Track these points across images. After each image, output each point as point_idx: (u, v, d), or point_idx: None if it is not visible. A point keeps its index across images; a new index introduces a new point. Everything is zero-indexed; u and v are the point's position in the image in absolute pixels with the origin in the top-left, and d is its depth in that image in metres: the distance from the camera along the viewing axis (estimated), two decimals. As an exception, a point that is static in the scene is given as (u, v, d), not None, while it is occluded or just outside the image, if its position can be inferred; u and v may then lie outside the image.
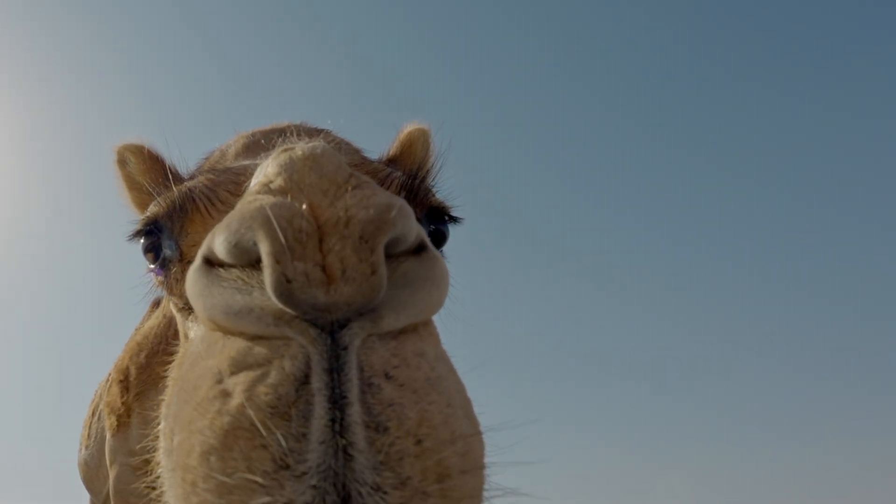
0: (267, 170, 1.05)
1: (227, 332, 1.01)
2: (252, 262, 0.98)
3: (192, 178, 1.91)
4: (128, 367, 3.13)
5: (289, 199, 0.96)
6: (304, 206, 0.95)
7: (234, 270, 1.01)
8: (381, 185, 1.80)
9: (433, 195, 1.94)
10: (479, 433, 1.05)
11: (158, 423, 1.19)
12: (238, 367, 0.95)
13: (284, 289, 0.90)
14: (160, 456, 1.13)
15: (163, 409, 1.18)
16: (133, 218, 1.90)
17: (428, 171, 2.20)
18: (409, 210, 1.00)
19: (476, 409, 1.16)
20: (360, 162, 1.89)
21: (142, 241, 1.75)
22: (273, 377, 0.92)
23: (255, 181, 1.08)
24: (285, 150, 1.05)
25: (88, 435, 3.85)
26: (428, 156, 2.31)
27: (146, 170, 2.12)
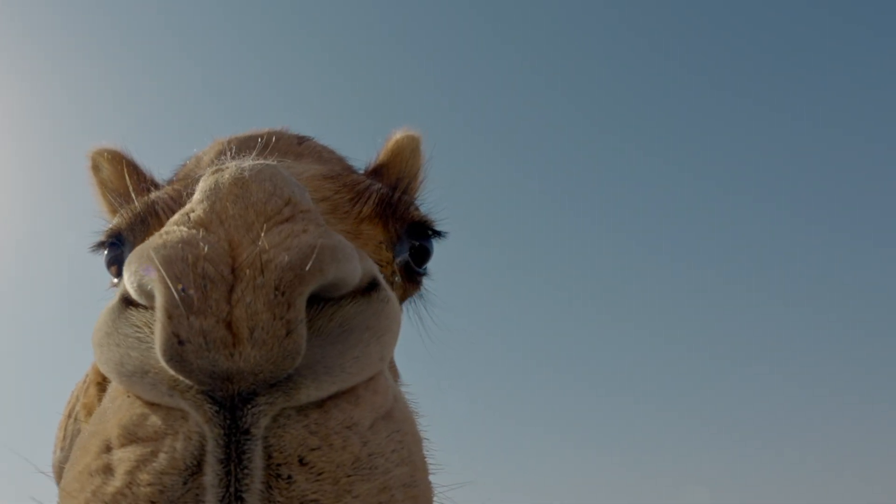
0: (194, 195, 0.91)
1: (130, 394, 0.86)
2: None
3: (165, 186, 1.82)
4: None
5: (201, 234, 0.81)
6: (221, 244, 0.80)
7: (147, 313, 0.86)
8: (359, 200, 1.70)
9: (415, 209, 1.83)
10: None
11: None
12: (127, 438, 0.81)
13: (175, 352, 0.75)
14: None
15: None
16: (101, 227, 1.82)
17: (412, 183, 2.10)
18: (349, 251, 0.84)
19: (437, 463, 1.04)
20: (338, 173, 1.79)
21: (105, 253, 1.67)
22: (160, 462, 0.77)
23: (185, 208, 0.93)
24: (215, 172, 0.90)
25: (64, 437, 3.79)
26: (417, 165, 2.20)
27: (120, 176, 2.03)
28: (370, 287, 0.91)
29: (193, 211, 0.85)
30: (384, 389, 0.90)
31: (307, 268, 0.78)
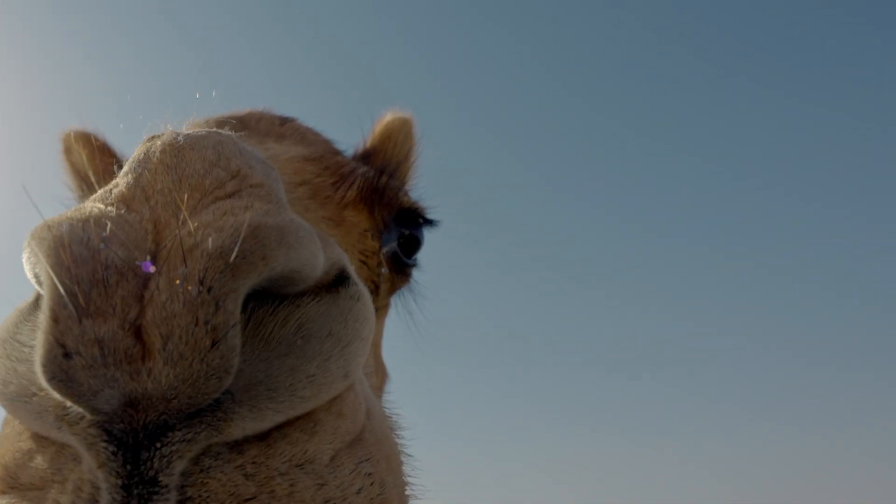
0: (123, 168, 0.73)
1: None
2: None
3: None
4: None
5: (117, 212, 0.64)
6: (142, 225, 0.63)
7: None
8: (343, 183, 1.58)
9: (404, 195, 1.71)
10: None
11: None
12: (7, 484, 0.65)
13: (58, 367, 0.56)
14: None
15: None
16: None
17: (401, 167, 1.97)
18: (304, 233, 0.65)
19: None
20: (321, 155, 1.66)
21: None
22: None
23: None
24: (148, 141, 0.72)
25: None
26: (408, 149, 2.08)
27: (93, 160, 1.91)
28: (337, 281, 0.73)
29: (117, 186, 0.68)
30: (352, 409, 0.72)
31: (245, 253, 0.59)
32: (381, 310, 1.71)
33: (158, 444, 0.57)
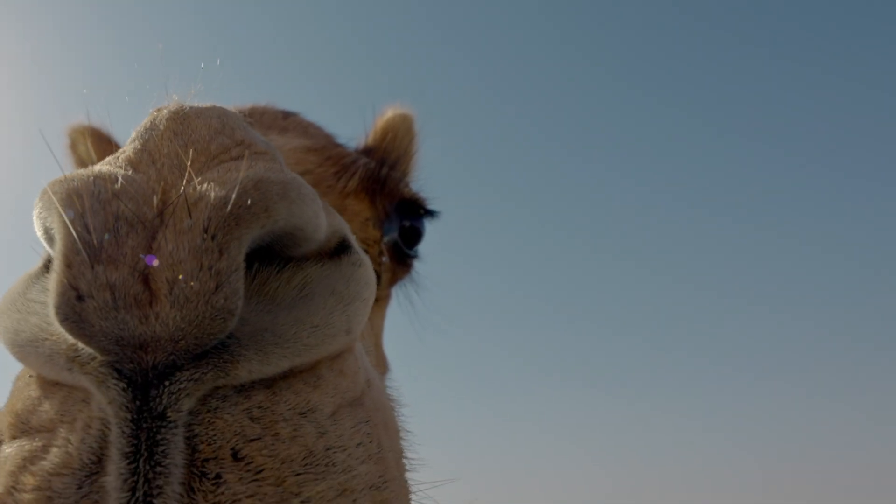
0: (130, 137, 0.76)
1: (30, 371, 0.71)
2: None
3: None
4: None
5: (125, 172, 0.66)
6: (149, 184, 0.65)
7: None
8: (345, 173, 1.60)
9: (405, 186, 1.74)
10: None
11: None
12: (18, 429, 0.67)
13: (72, 309, 0.58)
14: None
15: None
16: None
17: (401, 160, 1.99)
18: (307, 191, 0.68)
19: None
20: (323, 145, 1.69)
21: None
22: (51, 459, 0.62)
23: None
24: (156, 110, 0.75)
25: None
26: (410, 144, 2.10)
27: (97, 153, 1.94)
28: (339, 249, 0.76)
29: (124, 152, 0.71)
30: (353, 371, 0.75)
31: (247, 203, 0.61)
32: (382, 300, 1.73)
33: (167, 383, 0.60)
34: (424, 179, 2.04)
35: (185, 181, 0.65)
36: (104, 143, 1.93)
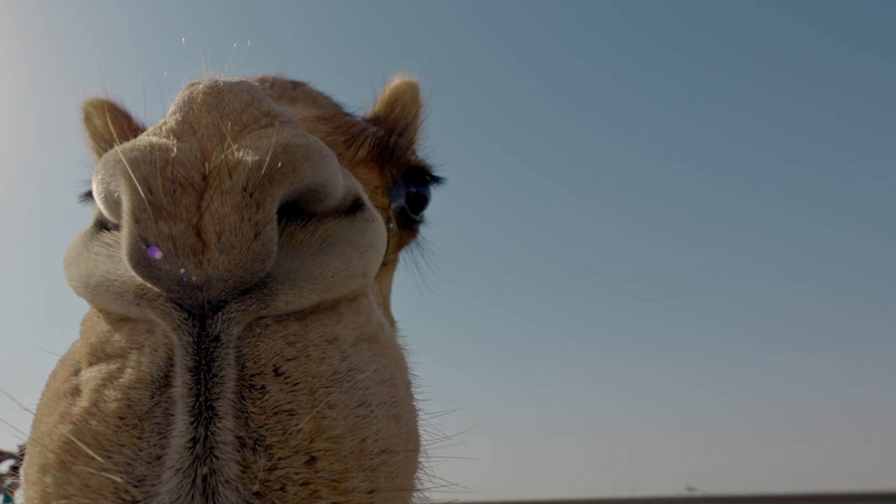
0: (170, 108, 0.86)
1: (96, 309, 0.84)
2: None
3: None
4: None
5: (172, 142, 0.77)
6: (193, 152, 0.76)
7: (118, 233, 0.82)
8: (354, 142, 1.67)
9: (412, 153, 1.80)
10: (408, 438, 0.85)
11: None
12: (95, 357, 0.79)
13: (142, 257, 0.71)
14: None
15: None
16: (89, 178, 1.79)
17: (410, 128, 2.05)
18: (327, 153, 0.80)
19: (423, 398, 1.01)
20: (332, 115, 1.75)
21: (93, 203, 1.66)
22: (127, 376, 0.74)
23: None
24: (189, 86, 0.85)
25: None
26: (416, 112, 2.16)
27: (111, 126, 2.00)
28: (354, 207, 0.89)
29: (166, 123, 0.81)
30: (368, 312, 0.88)
31: (278, 165, 0.74)
32: (390, 264, 1.81)
33: (220, 314, 0.73)
34: (430, 146, 2.11)
35: (223, 147, 0.76)
36: (120, 117, 1.98)
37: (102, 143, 2.01)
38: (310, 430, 0.74)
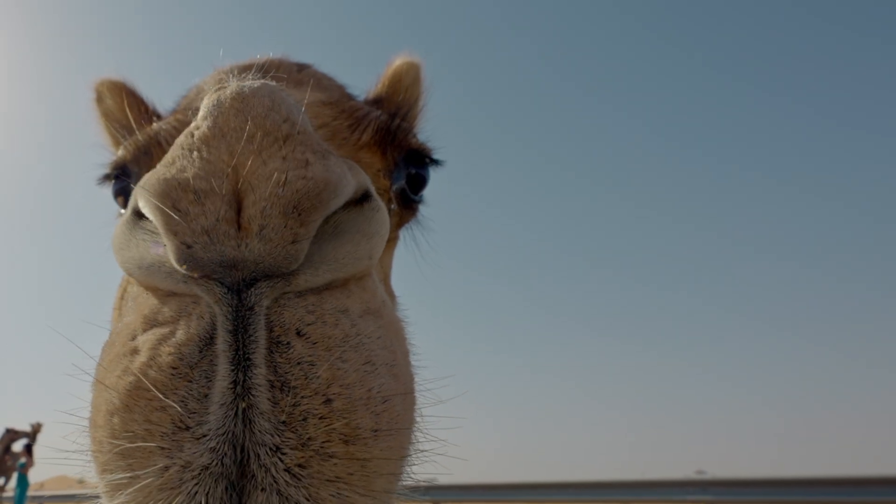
0: (199, 112, 0.98)
1: (145, 287, 0.99)
2: None
3: (167, 116, 1.85)
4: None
5: (197, 155, 0.91)
6: (221, 157, 0.89)
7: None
8: (358, 126, 1.72)
9: (413, 137, 1.84)
10: (405, 393, 1.00)
11: None
12: (149, 324, 0.94)
13: (185, 256, 0.87)
14: None
15: None
16: (106, 159, 1.85)
17: (411, 111, 2.10)
18: (347, 181, 0.94)
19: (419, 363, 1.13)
20: (337, 99, 1.79)
21: (112, 184, 1.72)
22: (178, 336, 0.90)
23: (191, 125, 1.01)
24: (217, 90, 0.97)
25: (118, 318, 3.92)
26: (417, 93, 2.20)
27: (123, 108, 2.05)
28: (362, 198, 1.01)
29: (198, 128, 0.94)
30: (373, 290, 1.04)
31: (322, 199, 0.90)
32: (391, 242, 1.86)
33: (253, 289, 0.89)
34: (430, 128, 2.15)
35: (251, 151, 0.89)
36: (133, 100, 2.04)
37: (115, 125, 2.07)
38: (326, 377, 0.89)
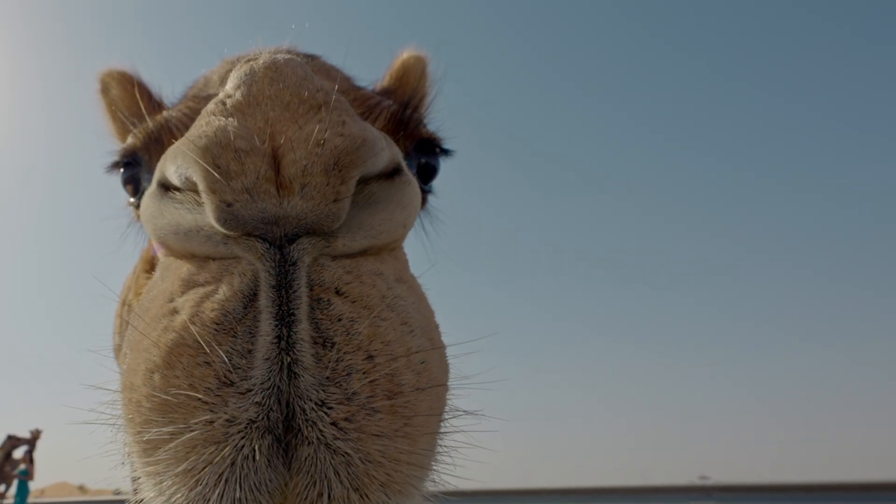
0: (228, 84, 0.96)
1: (180, 255, 0.98)
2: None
3: (175, 105, 1.83)
4: (155, 256, 3.11)
5: (235, 120, 0.89)
6: (257, 123, 0.88)
7: (188, 193, 0.97)
8: (370, 114, 1.71)
9: (424, 127, 1.84)
10: (441, 358, 1.01)
11: None
12: (188, 286, 0.94)
13: (225, 214, 0.87)
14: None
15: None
16: (114, 148, 1.84)
17: (420, 102, 2.09)
18: (385, 142, 0.96)
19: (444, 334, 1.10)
20: (348, 88, 1.78)
21: (121, 172, 1.70)
22: (221, 294, 0.89)
23: (219, 95, 0.99)
24: (248, 62, 0.95)
25: (120, 324, 3.92)
26: (424, 85, 2.19)
27: (130, 97, 2.04)
28: (394, 172, 1.02)
29: (230, 97, 0.92)
30: (403, 259, 1.07)
31: (361, 156, 0.89)
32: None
33: (295, 244, 0.89)
34: (440, 119, 2.13)
35: (290, 117, 0.89)
36: (138, 90, 2.02)
37: (121, 115, 2.05)
38: (367, 334, 0.89)
